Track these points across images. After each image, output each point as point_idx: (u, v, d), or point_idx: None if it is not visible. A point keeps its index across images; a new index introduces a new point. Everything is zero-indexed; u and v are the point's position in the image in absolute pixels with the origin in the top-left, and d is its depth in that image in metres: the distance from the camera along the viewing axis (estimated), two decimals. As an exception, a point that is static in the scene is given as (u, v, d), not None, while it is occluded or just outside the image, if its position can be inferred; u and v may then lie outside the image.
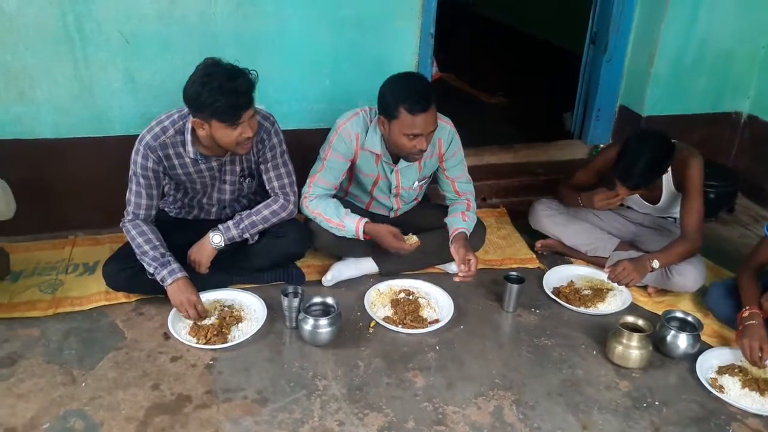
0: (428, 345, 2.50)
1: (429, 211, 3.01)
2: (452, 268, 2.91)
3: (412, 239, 2.71)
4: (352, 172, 2.77)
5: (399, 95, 2.43)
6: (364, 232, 2.64)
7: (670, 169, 2.74)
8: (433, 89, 2.50)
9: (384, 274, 2.85)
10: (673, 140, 2.67)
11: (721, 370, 2.40)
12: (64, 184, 3.04)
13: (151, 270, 2.47)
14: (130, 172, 2.49)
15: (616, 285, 2.85)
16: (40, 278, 2.76)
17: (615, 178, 2.71)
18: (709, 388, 2.31)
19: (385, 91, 2.51)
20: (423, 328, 2.56)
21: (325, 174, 2.68)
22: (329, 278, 2.82)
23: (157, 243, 2.49)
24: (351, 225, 2.64)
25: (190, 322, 2.50)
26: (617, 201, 2.83)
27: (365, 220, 2.66)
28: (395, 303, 2.68)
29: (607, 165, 2.84)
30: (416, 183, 2.81)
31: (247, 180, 2.69)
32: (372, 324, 2.59)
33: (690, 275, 2.76)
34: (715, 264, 3.09)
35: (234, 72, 2.27)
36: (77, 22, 2.76)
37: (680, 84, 3.75)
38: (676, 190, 2.83)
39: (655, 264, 2.67)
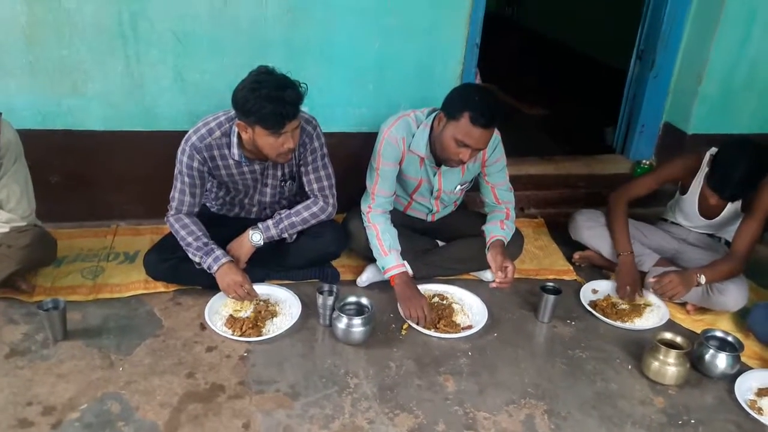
0: (460, 350, 2.49)
1: (467, 218, 3.01)
2: (487, 276, 2.90)
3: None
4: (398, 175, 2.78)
5: (470, 101, 2.42)
6: (393, 276, 2.65)
7: None
8: (501, 115, 2.47)
9: (418, 278, 2.84)
10: None
11: (761, 392, 2.34)
12: (110, 175, 3.12)
13: (196, 260, 2.53)
14: (176, 171, 2.55)
15: (654, 301, 2.82)
16: (82, 264, 2.83)
17: (709, 188, 2.65)
18: (748, 409, 2.26)
19: (458, 93, 2.52)
20: (456, 333, 2.56)
21: (382, 183, 2.70)
22: (364, 279, 2.84)
23: (200, 234, 2.55)
24: (390, 261, 2.66)
25: (226, 314, 2.54)
26: (632, 299, 2.83)
27: (404, 270, 2.68)
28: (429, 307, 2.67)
29: (675, 176, 2.84)
30: (458, 187, 2.82)
31: (288, 183, 2.73)
32: (405, 326, 2.59)
33: (731, 295, 2.70)
34: (758, 286, 3.02)
35: (284, 82, 2.29)
36: (132, 20, 2.83)
37: (728, 104, 3.68)
38: (741, 209, 2.78)
39: (702, 279, 2.63)
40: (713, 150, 2.74)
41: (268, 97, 2.24)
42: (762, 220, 2.68)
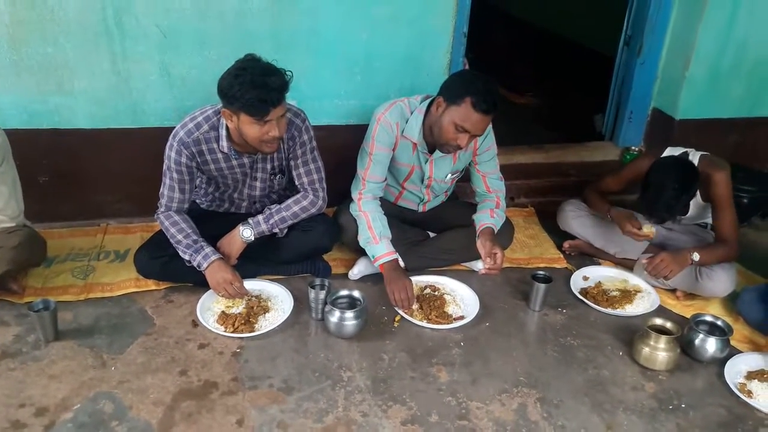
0: (453, 341, 2.50)
1: (458, 208, 3.02)
2: (478, 265, 2.91)
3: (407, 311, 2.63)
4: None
5: (472, 87, 2.42)
6: (382, 264, 2.64)
7: None
8: (500, 102, 2.48)
9: (409, 270, 2.84)
10: (703, 153, 2.64)
11: (751, 375, 2.36)
12: (98, 173, 3.10)
13: (186, 257, 2.53)
14: (164, 167, 2.54)
15: (644, 287, 2.84)
16: (72, 264, 2.82)
17: (643, 211, 2.70)
18: (738, 392, 2.28)
19: (459, 78, 2.54)
20: (448, 323, 2.57)
21: (375, 168, 2.70)
22: (355, 272, 2.84)
23: (189, 231, 2.54)
24: (380, 249, 2.65)
25: (218, 310, 2.54)
26: (641, 241, 2.83)
27: (395, 258, 2.67)
28: (420, 298, 2.68)
29: (637, 175, 2.81)
30: (449, 175, 2.82)
31: (277, 177, 2.72)
32: (397, 318, 2.60)
33: (720, 280, 2.72)
34: (746, 269, 3.04)
35: (268, 69, 2.29)
36: (116, 15, 2.81)
37: (716, 88, 3.68)
38: (703, 201, 2.80)
39: (696, 257, 2.64)
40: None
41: (252, 83, 2.23)
42: (731, 206, 2.69)
